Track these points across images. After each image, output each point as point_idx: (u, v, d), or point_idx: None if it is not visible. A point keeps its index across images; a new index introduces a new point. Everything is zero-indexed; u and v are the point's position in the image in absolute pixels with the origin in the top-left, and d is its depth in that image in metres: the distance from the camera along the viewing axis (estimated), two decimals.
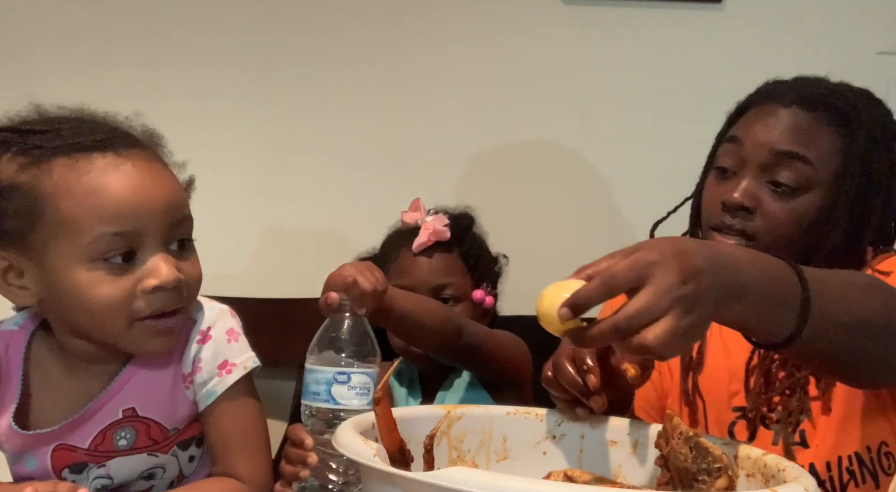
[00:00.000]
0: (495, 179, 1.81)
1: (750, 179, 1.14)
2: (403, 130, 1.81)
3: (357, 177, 1.80)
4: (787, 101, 1.16)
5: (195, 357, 1.00)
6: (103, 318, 0.92)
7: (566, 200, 1.83)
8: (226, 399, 1.00)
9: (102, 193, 0.89)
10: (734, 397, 1.16)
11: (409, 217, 1.45)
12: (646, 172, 1.82)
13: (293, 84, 1.80)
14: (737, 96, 1.87)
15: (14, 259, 0.92)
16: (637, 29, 1.82)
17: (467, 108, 1.82)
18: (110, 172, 0.90)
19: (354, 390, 0.97)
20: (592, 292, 0.75)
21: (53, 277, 0.91)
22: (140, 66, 1.77)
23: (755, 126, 1.16)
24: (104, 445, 0.97)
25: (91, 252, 0.89)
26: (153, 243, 0.92)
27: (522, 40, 1.82)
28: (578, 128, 1.83)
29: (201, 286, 1.00)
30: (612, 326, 0.74)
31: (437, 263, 1.41)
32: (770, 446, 1.11)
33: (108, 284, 0.90)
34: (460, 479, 0.63)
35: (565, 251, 1.81)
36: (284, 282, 1.72)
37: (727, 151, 1.19)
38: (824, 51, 1.79)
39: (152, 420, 0.99)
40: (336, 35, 1.81)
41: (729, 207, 1.14)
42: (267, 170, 1.79)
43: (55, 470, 0.97)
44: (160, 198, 0.93)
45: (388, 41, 1.82)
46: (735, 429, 1.15)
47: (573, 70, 1.82)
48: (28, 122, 0.95)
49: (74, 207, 0.89)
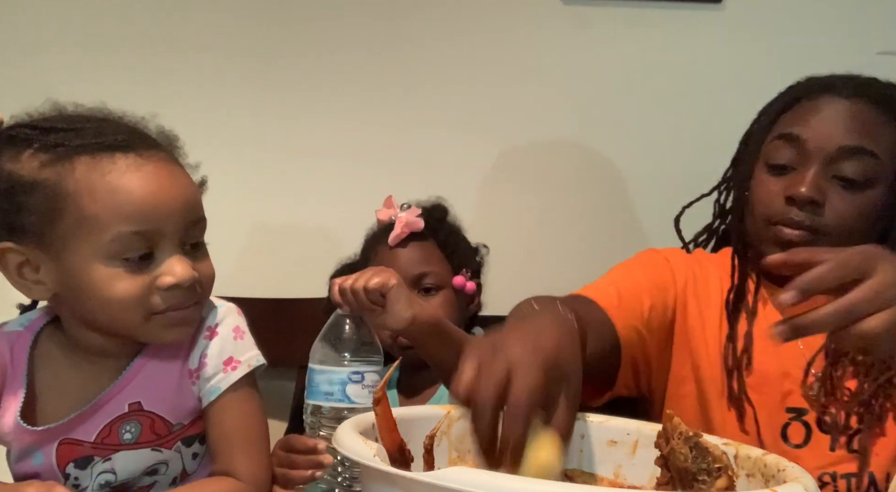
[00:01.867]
0: (493, 178, 1.81)
1: (815, 174, 1.12)
2: (403, 130, 1.81)
3: (357, 177, 1.80)
4: (845, 94, 1.15)
5: (202, 353, 1.01)
6: (121, 312, 0.94)
7: (565, 200, 1.83)
8: (229, 396, 1.01)
9: (124, 192, 0.92)
10: (787, 397, 1.15)
11: (382, 214, 1.45)
12: (646, 171, 1.82)
13: (293, 84, 1.80)
14: (737, 96, 1.88)
15: (31, 254, 0.93)
16: (637, 29, 1.82)
17: (467, 108, 1.82)
18: (132, 173, 0.93)
19: (368, 388, 1.00)
20: (825, 275, 0.76)
21: (71, 273, 0.93)
22: (136, 63, 1.77)
23: (814, 121, 1.14)
24: (110, 438, 0.98)
25: (110, 250, 0.92)
26: (170, 243, 0.95)
27: (522, 40, 1.82)
28: (578, 128, 1.83)
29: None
30: (835, 311, 0.74)
31: (414, 253, 1.41)
32: (826, 451, 1.11)
33: (126, 280, 0.93)
34: (460, 479, 0.63)
35: (563, 251, 1.81)
36: (284, 282, 1.72)
37: (782, 148, 1.17)
38: (824, 51, 1.78)
39: (157, 415, 1.00)
40: (334, 34, 1.81)
41: (798, 201, 1.12)
42: (267, 170, 1.79)
43: (60, 465, 0.98)
44: (179, 199, 0.95)
45: (386, 41, 1.81)
46: (789, 430, 1.14)
47: (573, 70, 1.82)
48: (49, 119, 0.96)
49: (96, 206, 0.91)
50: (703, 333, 1.21)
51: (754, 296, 1.21)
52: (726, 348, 1.18)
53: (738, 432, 1.15)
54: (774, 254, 1.08)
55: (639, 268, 1.25)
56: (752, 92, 1.79)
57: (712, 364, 1.19)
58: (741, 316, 1.20)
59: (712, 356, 1.20)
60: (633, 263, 1.27)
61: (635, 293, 1.18)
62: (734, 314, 1.20)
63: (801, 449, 1.13)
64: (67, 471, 0.98)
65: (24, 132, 0.94)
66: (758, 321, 1.19)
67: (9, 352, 0.99)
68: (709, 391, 1.19)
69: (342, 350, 1.03)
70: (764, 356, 1.18)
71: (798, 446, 1.13)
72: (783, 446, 1.14)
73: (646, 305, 1.18)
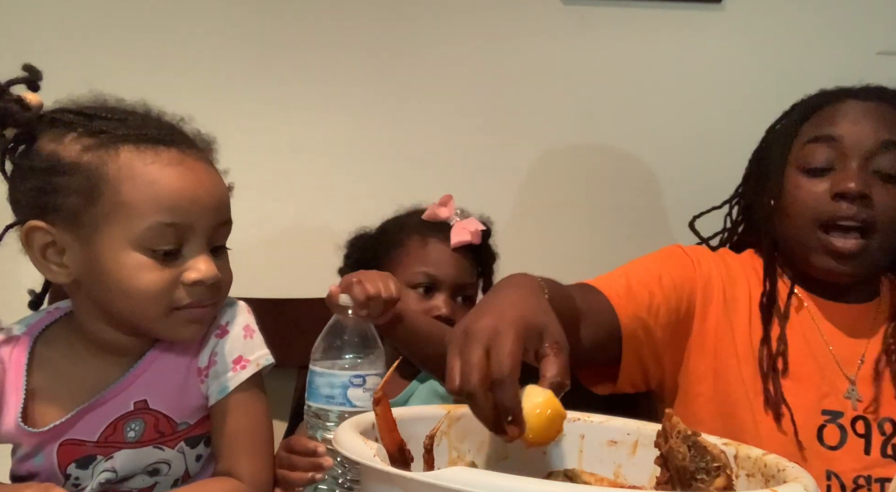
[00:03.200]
0: (494, 178, 1.81)
1: (857, 169, 1.14)
2: (403, 130, 1.81)
3: (357, 177, 1.80)
4: (865, 97, 1.18)
5: (212, 351, 1.02)
6: (143, 303, 0.95)
7: (565, 200, 1.83)
8: (236, 396, 1.02)
9: (163, 184, 0.94)
10: (824, 400, 1.16)
11: (441, 211, 1.44)
12: (646, 171, 1.82)
13: (295, 82, 1.80)
14: (737, 95, 1.88)
15: (59, 236, 0.94)
16: (637, 29, 1.82)
17: (467, 108, 1.82)
18: (173, 167, 0.95)
19: (370, 392, 0.99)
20: None
21: (98, 258, 0.94)
22: (139, 63, 1.77)
23: (845, 121, 1.17)
24: (115, 436, 0.98)
25: (143, 239, 0.93)
26: (198, 241, 0.97)
27: (522, 40, 1.82)
28: (578, 127, 1.83)
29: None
30: None
31: (466, 263, 1.42)
32: (861, 454, 1.12)
33: (154, 271, 0.94)
34: (460, 479, 0.63)
35: (563, 251, 1.81)
36: (284, 282, 1.72)
37: (818, 149, 1.18)
38: (824, 51, 1.79)
39: (162, 413, 1.00)
40: (335, 34, 1.81)
41: (848, 196, 1.13)
42: (266, 170, 1.79)
43: (61, 466, 0.98)
44: (213, 198, 0.98)
45: (386, 41, 1.81)
46: (824, 432, 1.14)
47: (573, 70, 1.82)
48: (92, 107, 0.98)
49: (135, 193, 0.93)
50: (732, 334, 1.21)
51: (787, 299, 1.22)
52: (760, 351, 1.19)
53: (776, 433, 1.15)
54: (825, 262, 1.14)
55: (658, 261, 1.25)
56: (752, 92, 1.81)
57: (743, 365, 1.20)
58: (773, 319, 1.21)
59: (743, 357, 1.20)
60: (653, 255, 1.28)
61: (646, 284, 1.19)
62: (766, 317, 1.21)
63: (837, 451, 1.14)
64: (68, 471, 0.98)
65: (68, 116, 0.95)
66: (791, 324, 1.20)
67: (8, 356, 0.99)
68: (737, 392, 1.19)
69: (344, 352, 1.02)
70: (799, 359, 1.18)
71: (833, 447, 1.14)
72: (818, 448, 1.14)
73: (657, 299, 1.18)
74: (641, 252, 1.50)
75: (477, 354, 0.76)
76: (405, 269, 1.39)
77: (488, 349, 0.76)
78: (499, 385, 0.75)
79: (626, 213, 1.83)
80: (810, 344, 1.19)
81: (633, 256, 1.31)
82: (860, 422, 1.14)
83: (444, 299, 1.37)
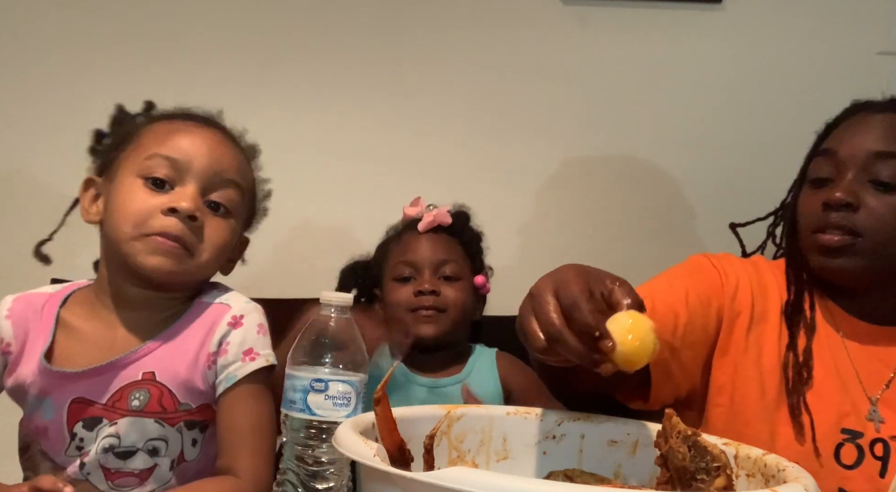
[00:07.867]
0: (494, 178, 1.81)
1: (850, 180, 1.17)
2: (403, 130, 1.81)
3: (357, 177, 1.80)
4: (875, 109, 1.20)
5: (223, 339, 1.06)
6: (124, 222, 1.04)
7: (565, 201, 1.83)
8: (244, 388, 1.05)
9: (175, 133, 1.09)
10: (844, 419, 1.15)
11: (411, 210, 1.50)
12: (646, 172, 1.82)
13: (298, 83, 1.80)
14: (737, 95, 1.88)
15: (100, 185, 1.11)
16: (637, 29, 1.82)
17: (467, 108, 1.82)
18: (190, 129, 1.10)
19: (332, 399, 0.91)
20: None
21: (113, 191, 1.07)
22: (140, 64, 1.77)
23: (847, 135, 1.20)
24: (121, 402, 1.03)
25: (143, 167, 1.06)
26: (192, 182, 1.06)
27: (522, 40, 1.82)
28: (577, 127, 1.83)
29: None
30: None
31: (440, 242, 1.46)
32: (876, 476, 1.12)
33: (143, 194, 1.05)
34: (460, 479, 0.63)
35: (561, 250, 1.81)
36: (284, 282, 1.71)
37: (820, 163, 1.22)
38: (824, 51, 1.79)
39: (166, 388, 1.04)
40: (335, 35, 1.81)
41: (832, 205, 1.16)
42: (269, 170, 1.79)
43: (69, 424, 1.02)
44: (215, 151, 1.09)
45: (387, 40, 1.82)
46: (842, 451, 1.14)
47: (573, 70, 1.82)
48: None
49: (150, 137, 1.09)
50: (759, 344, 1.21)
51: (811, 310, 1.23)
52: (785, 358, 1.19)
53: (793, 444, 1.14)
54: (818, 260, 1.15)
55: (683, 276, 1.24)
56: (752, 92, 1.81)
57: (766, 376, 1.19)
58: (801, 330, 1.21)
59: (767, 368, 1.19)
60: (678, 269, 1.27)
61: (671, 306, 1.18)
62: (792, 328, 1.21)
63: (852, 470, 1.14)
64: (75, 430, 1.02)
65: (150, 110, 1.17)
66: (817, 337, 1.21)
67: (41, 307, 1.08)
68: (755, 405, 1.18)
69: (315, 355, 0.94)
70: (822, 373, 1.18)
71: (849, 467, 1.14)
72: (834, 465, 1.14)
73: (682, 319, 1.17)
74: (641, 251, 1.51)
75: (547, 301, 0.81)
76: (390, 269, 1.45)
77: (556, 295, 0.81)
78: (575, 309, 0.79)
79: (625, 212, 1.83)
80: (836, 360, 1.18)
81: (632, 256, 1.31)
82: (879, 444, 1.14)
83: (427, 276, 1.42)
